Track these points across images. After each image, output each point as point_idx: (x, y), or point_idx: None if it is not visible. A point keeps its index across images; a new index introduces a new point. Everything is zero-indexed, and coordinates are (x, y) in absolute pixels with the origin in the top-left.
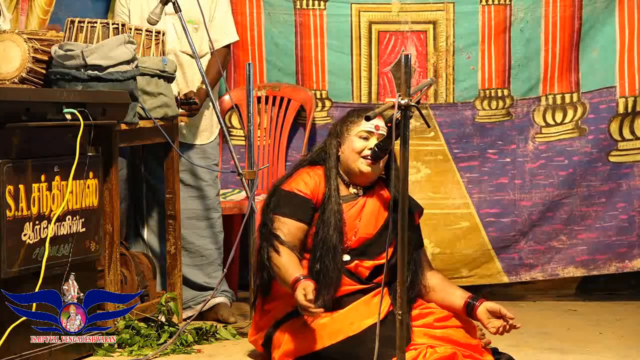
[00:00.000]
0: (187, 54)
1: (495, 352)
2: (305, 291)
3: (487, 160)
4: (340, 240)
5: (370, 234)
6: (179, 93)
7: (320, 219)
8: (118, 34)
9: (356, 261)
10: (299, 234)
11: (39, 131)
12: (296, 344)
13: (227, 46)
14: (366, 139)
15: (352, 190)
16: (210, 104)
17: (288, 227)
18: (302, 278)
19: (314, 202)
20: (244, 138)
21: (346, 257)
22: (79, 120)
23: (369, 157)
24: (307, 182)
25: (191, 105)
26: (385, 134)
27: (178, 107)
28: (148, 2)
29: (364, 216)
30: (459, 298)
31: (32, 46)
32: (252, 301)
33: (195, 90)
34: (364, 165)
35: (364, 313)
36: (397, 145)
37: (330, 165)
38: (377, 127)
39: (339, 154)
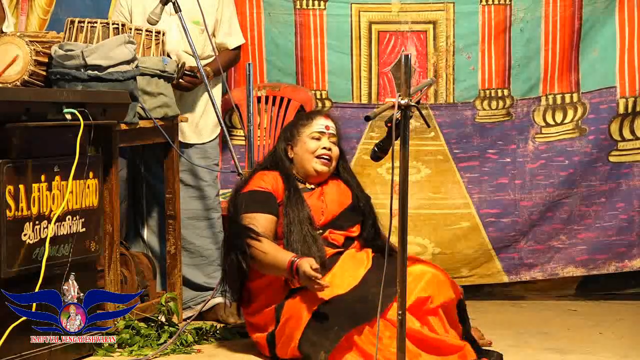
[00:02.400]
0: (190, 55)
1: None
2: (310, 263)
3: (487, 161)
4: (310, 224)
5: (336, 212)
6: (184, 63)
7: (286, 211)
8: (118, 34)
9: (329, 230)
10: (271, 226)
11: (39, 131)
12: (303, 306)
13: (236, 48)
14: (318, 139)
15: (308, 186)
16: (211, 103)
17: (259, 221)
18: (297, 259)
19: (275, 196)
20: (244, 138)
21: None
22: (79, 120)
23: (323, 157)
24: (266, 180)
25: (193, 77)
26: (335, 133)
27: (180, 76)
28: (151, 1)
29: (327, 199)
30: None
31: (34, 49)
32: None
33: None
34: (319, 165)
35: (354, 266)
36: (396, 145)
37: (284, 166)
38: (327, 127)
39: (291, 156)
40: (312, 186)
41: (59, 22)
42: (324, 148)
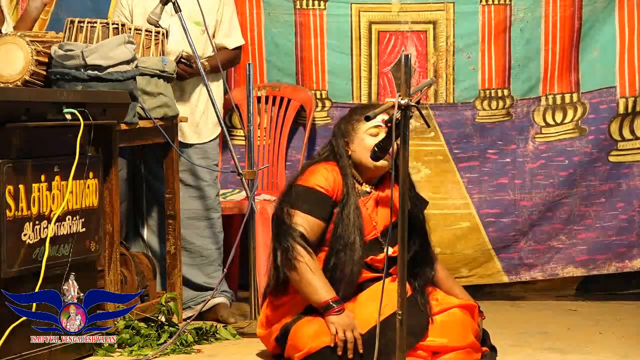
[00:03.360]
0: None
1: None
2: (353, 324)
3: (487, 161)
4: (359, 236)
5: (387, 223)
6: (182, 51)
7: (339, 216)
8: (118, 34)
9: (370, 257)
10: (318, 231)
11: (39, 131)
12: (318, 335)
13: (236, 49)
14: (376, 135)
15: (365, 188)
16: (211, 103)
17: (309, 224)
18: (333, 304)
19: (333, 199)
20: (244, 138)
21: (390, 250)
22: (79, 120)
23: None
24: (327, 177)
25: (187, 66)
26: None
27: (177, 62)
28: (151, 1)
29: (380, 209)
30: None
31: (35, 49)
32: (262, 296)
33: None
34: (380, 161)
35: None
36: (396, 145)
37: (343, 164)
38: (383, 121)
39: (349, 153)
40: (369, 188)
41: (59, 22)
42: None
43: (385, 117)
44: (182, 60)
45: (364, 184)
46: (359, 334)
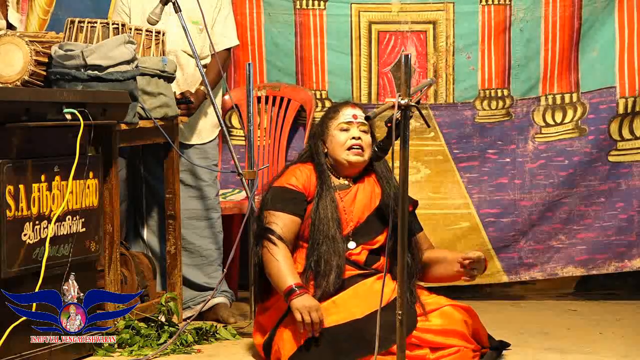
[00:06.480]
0: (189, 54)
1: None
2: (314, 307)
3: (487, 161)
4: (338, 228)
5: (362, 219)
6: (174, 93)
7: (315, 210)
8: (118, 34)
9: (348, 251)
10: (293, 228)
11: (39, 131)
12: (293, 338)
13: (228, 49)
14: (347, 130)
15: (344, 181)
16: (211, 104)
17: (282, 221)
18: (296, 289)
19: (306, 195)
20: (244, 138)
21: (352, 245)
22: (79, 120)
23: (354, 147)
24: (298, 177)
25: (187, 104)
26: (364, 121)
27: (177, 106)
28: (150, 1)
29: (357, 203)
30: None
31: (34, 49)
32: (253, 301)
33: (192, 91)
34: (351, 156)
35: (367, 298)
36: (396, 145)
37: (319, 161)
38: (354, 116)
39: (326, 151)
40: (347, 182)
41: (59, 22)
42: (353, 138)
43: (357, 112)
44: (179, 100)
45: (341, 178)
46: (322, 314)
